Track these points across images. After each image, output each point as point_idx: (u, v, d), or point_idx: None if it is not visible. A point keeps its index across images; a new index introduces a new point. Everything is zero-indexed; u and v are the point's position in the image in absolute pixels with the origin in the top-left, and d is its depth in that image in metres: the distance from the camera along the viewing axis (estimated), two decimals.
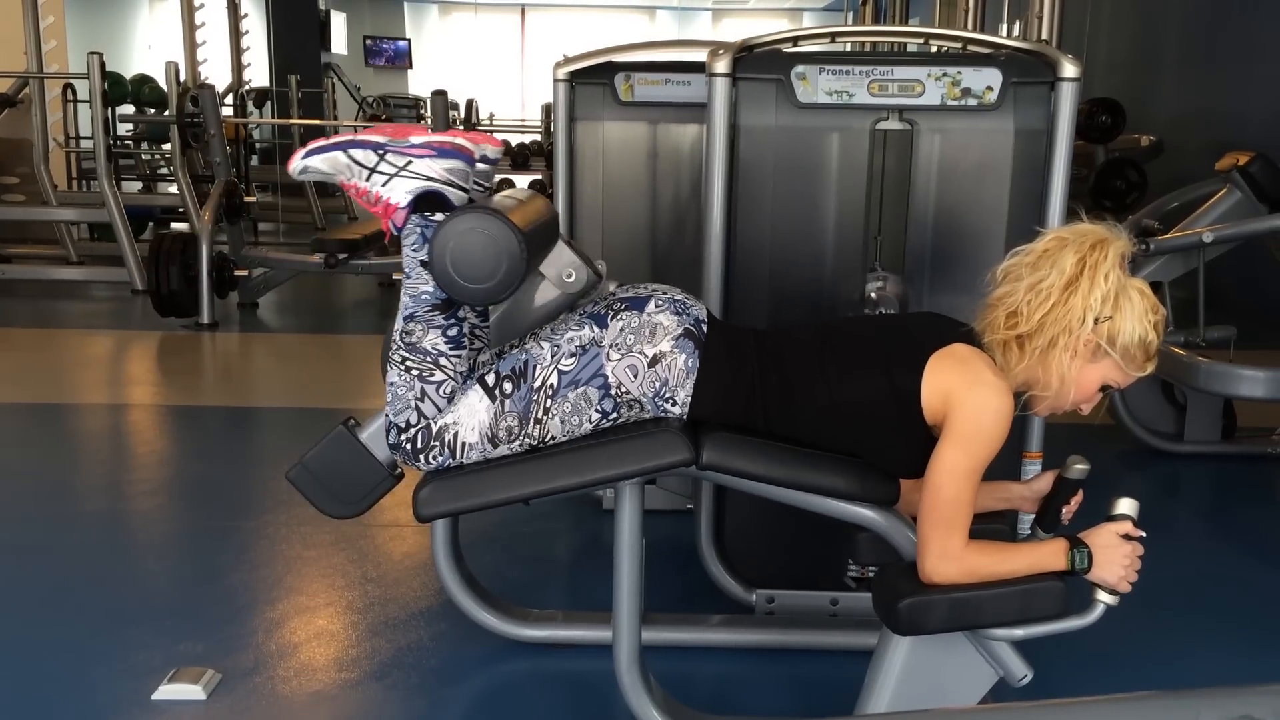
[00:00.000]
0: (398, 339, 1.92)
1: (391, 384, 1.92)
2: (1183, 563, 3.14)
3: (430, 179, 1.86)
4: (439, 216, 1.88)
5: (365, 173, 1.88)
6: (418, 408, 1.90)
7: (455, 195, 1.88)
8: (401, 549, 3.10)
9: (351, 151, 1.88)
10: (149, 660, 2.41)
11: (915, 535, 1.82)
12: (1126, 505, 1.79)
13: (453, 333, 1.91)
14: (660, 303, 1.92)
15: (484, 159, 1.97)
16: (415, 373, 1.90)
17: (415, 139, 1.89)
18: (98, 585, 2.83)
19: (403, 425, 1.91)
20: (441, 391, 1.90)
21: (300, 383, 5.00)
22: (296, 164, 1.91)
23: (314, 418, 4.46)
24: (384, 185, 1.87)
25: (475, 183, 1.95)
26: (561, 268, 2.14)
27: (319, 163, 1.90)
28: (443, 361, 1.90)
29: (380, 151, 1.88)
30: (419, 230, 1.89)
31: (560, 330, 1.93)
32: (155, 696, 2.27)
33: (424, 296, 1.90)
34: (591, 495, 3.35)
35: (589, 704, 2.33)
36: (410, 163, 1.87)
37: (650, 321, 1.89)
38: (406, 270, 1.93)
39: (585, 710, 2.32)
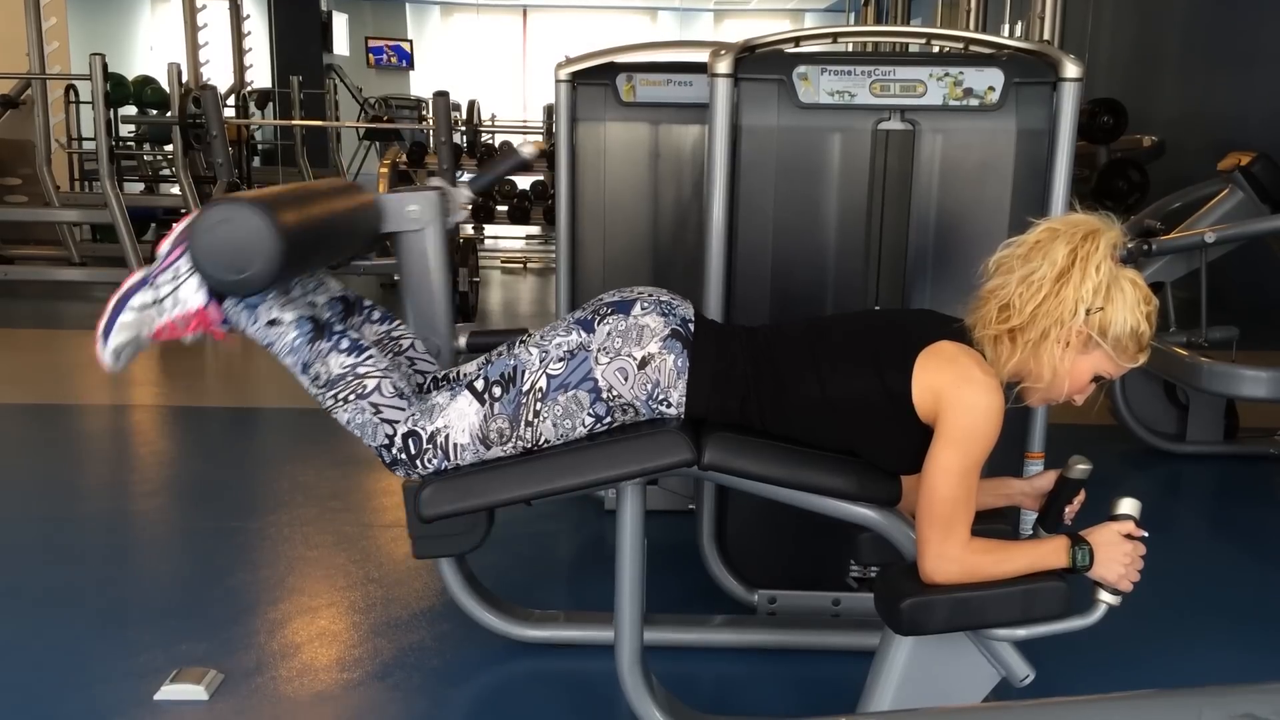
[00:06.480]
0: (313, 390, 1.95)
1: (347, 423, 1.94)
2: (1184, 562, 3.14)
3: None
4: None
5: (157, 310, 1.92)
6: (382, 420, 1.92)
7: None
8: (403, 549, 3.10)
9: (130, 304, 1.92)
10: (151, 660, 2.42)
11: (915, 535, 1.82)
12: (1128, 505, 1.79)
13: (345, 344, 1.93)
14: (646, 305, 1.92)
15: None
16: (352, 398, 1.92)
17: (162, 249, 1.92)
18: (100, 586, 2.83)
19: (385, 443, 1.94)
20: (385, 392, 1.92)
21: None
22: (106, 356, 1.95)
23: (317, 418, 4.44)
24: (176, 306, 1.91)
25: None
26: (401, 212, 2.15)
27: (119, 337, 1.93)
28: (361, 370, 1.92)
29: (149, 283, 1.92)
30: (237, 308, 1.92)
31: (548, 337, 1.94)
32: (158, 697, 2.27)
33: (296, 343, 1.93)
34: (593, 496, 3.35)
35: (591, 704, 2.33)
36: (175, 268, 1.90)
37: (637, 324, 1.89)
38: (261, 341, 1.95)
39: (587, 711, 2.32)
